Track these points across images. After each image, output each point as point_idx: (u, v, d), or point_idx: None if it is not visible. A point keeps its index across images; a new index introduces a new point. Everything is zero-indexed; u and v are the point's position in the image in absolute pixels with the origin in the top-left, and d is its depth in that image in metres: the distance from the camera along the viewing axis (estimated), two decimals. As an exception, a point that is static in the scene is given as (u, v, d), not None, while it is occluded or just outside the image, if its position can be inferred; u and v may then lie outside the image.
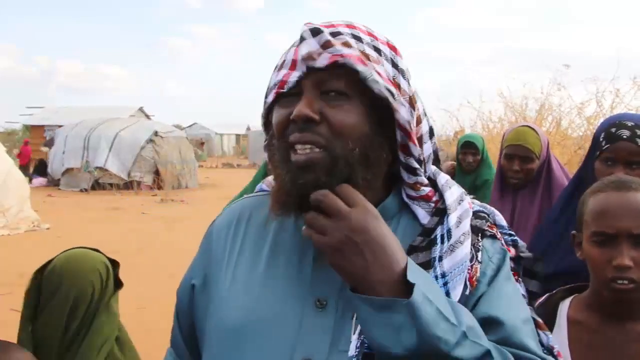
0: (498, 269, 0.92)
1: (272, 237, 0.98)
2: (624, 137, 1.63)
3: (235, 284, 0.95)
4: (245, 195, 1.13)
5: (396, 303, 0.78)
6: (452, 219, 0.91)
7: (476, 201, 1.01)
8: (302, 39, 0.89)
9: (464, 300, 0.87)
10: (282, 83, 0.90)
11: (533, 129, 2.46)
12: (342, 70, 0.87)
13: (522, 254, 1.01)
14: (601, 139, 1.69)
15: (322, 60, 0.87)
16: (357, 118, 0.88)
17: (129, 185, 17.61)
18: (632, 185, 1.27)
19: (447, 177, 1.00)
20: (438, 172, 1.00)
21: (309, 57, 0.87)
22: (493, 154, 4.41)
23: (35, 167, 20.18)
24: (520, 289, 0.98)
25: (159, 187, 17.12)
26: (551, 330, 1.35)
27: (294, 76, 0.89)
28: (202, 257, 1.05)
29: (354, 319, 0.85)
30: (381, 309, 0.78)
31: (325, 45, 0.87)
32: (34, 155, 21.63)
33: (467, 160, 3.73)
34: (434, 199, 0.96)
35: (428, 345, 0.77)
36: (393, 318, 0.77)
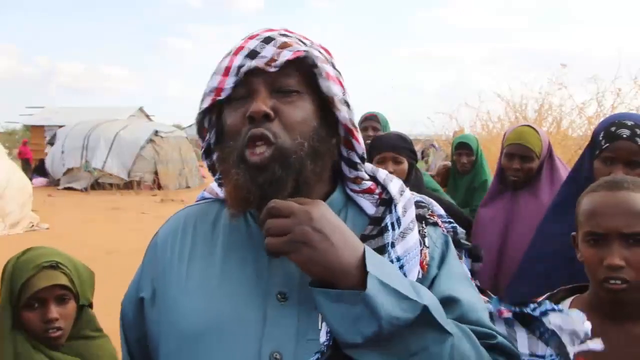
0: (444, 253, 1.00)
1: (223, 239, 0.99)
2: (624, 136, 1.63)
3: (189, 290, 0.95)
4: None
5: (352, 295, 0.81)
6: (399, 207, 0.97)
7: (414, 192, 1.06)
8: (254, 52, 0.93)
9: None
10: (218, 90, 0.95)
11: (534, 128, 2.46)
12: (293, 69, 0.93)
13: (461, 239, 1.09)
14: (600, 138, 1.69)
15: (283, 58, 0.91)
16: (307, 113, 0.93)
17: (129, 185, 17.61)
18: (625, 185, 1.26)
19: (386, 172, 1.06)
20: (376, 168, 1.06)
21: (271, 61, 0.91)
22: (493, 155, 4.41)
23: (35, 167, 20.17)
24: (465, 269, 1.07)
25: (159, 187, 17.12)
26: None
27: (230, 82, 0.93)
28: (148, 268, 1.03)
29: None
30: (339, 300, 0.82)
31: (283, 46, 0.92)
32: (34, 155, 21.62)
33: (462, 161, 3.71)
34: (377, 191, 1.01)
35: (388, 329, 0.80)
36: (351, 310, 0.81)
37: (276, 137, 0.90)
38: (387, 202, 0.99)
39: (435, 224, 1.03)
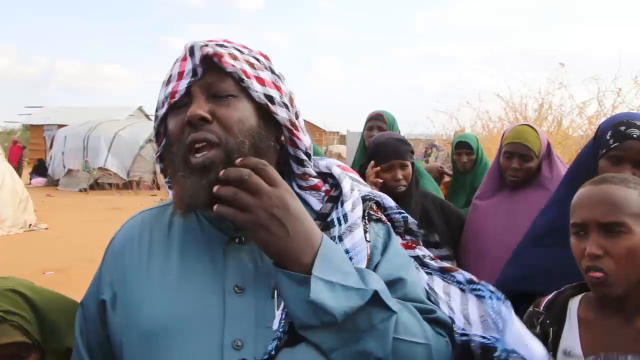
0: (386, 241, 1.09)
1: (178, 240, 1.04)
2: (634, 136, 1.62)
3: (150, 291, 0.99)
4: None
5: (308, 279, 0.88)
6: (348, 205, 1.05)
7: (362, 187, 1.13)
8: (190, 52, 0.99)
9: None
10: (173, 94, 1.00)
11: (533, 128, 2.44)
12: (228, 77, 0.99)
13: (412, 228, 1.18)
14: (608, 137, 1.67)
15: (207, 52, 0.97)
16: (244, 113, 0.98)
17: (128, 185, 17.60)
18: (611, 179, 1.29)
19: (341, 169, 1.13)
20: (332, 165, 1.13)
21: (211, 55, 0.97)
22: (493, 155, 4.37)
23: (34, 167, 20.14)
24: (418, 252, 1.19)
25: (158, 187, 17.10)
26: (561, 328, 1.34)
27: (183, 84, 0.98)
28: (107, 273, 1.07)
29: (275, 297, 0.95)
30: (300, 284, 0.89)
31: (217, 55, 0.98)
32: (33, 155, 21.56)
33: (462, 161, 3.70)
34: (324, 189, 1.09)
35: (342, 318, 0.89)
36: (307, 293, 0.88)
37: (219, 139, 0.95)
38: (334, 199, 1.07)
39: (378, 219, 1.11)
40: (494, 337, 1.07)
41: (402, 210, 1.18)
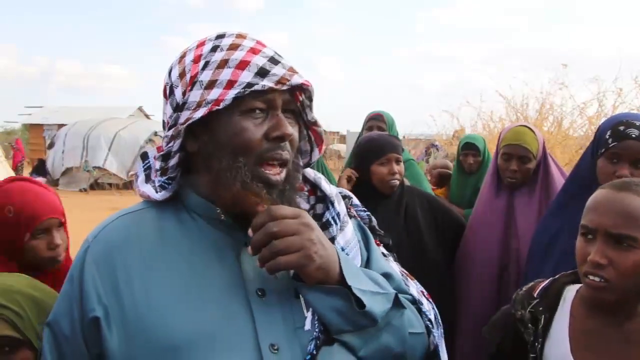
0: (362, 236, 1.14)
1: (178, 245, 0.97)
2: (633, 135, 1.63)
3: (159, 300, 0.91)
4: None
5: (342, 290, 0.93)
6: (336, 204, 1.08)
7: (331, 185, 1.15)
8: (261, 73, 0.93)
9: None
10: (218, 101, 0.93)
11: (530, 128, 2.43)
12: (295, 94, 0.99)
13: (375, 226, 1.21)
14: (607, 137, 1.67)
15: (296, 80, 0.96)
16: (298, 132, 1.02)
17: (128, 185, 17.60)
18: (632, 187, 1.24)
19: (314, 170, 1.13)
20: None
21: (283, 80, 0.95)
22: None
23: (34, 166, 20.14)
24: (383, 251, 1.21)
25: (159, 187, 17.09)
26: (553, 316, 1.33)
27: (231, 94, 0.92)
28: (92, 285, 0.93)
29: (301, 298, 0.96)
30: (332, 294, 0.93)
31: (292, 70, 0.97)
32: (33, 155, 21.57)
33: (468, 162, 3.70)
34: (305, 189, 1.10)
35: (376, 319, 0.95)
36: (342, 303, 0.93)
37: (290, 157, 0.98)
38: (322, 199, 1.09)
39: (352, 216, 1.16)
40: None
41: (365, 209, 1.21)
